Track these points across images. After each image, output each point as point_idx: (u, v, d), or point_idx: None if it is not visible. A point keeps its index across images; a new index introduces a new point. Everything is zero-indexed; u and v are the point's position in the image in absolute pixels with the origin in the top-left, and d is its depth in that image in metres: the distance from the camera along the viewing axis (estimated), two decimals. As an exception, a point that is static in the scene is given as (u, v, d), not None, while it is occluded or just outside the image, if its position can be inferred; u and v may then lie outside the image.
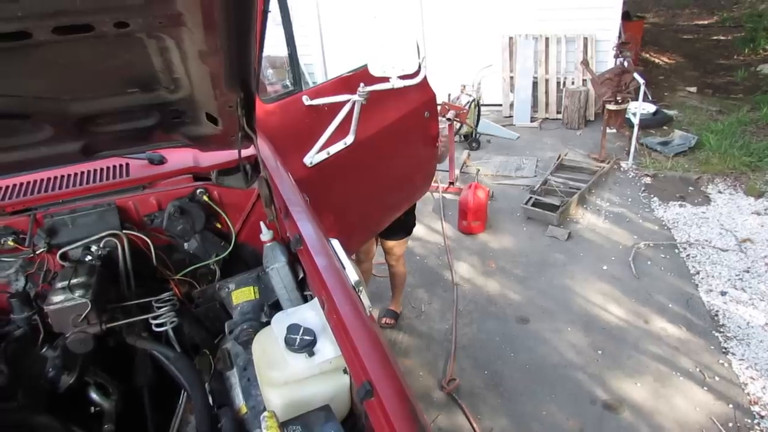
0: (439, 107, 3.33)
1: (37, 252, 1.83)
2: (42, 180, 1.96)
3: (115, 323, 1.69)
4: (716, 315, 4.01)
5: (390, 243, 3.64)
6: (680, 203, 5.55)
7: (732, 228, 5.06)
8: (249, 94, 1.58)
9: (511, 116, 8.00)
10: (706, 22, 14.05)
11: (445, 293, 4.43)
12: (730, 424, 3.16)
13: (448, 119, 5.74)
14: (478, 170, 6.13)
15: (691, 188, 5.84)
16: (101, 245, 1.85)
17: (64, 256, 1.83)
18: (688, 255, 4.72)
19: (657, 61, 10.67)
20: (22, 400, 1.53)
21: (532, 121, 7.84)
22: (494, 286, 4.48)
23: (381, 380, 1.20)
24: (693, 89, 8.76)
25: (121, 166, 2.03)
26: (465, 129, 6.96)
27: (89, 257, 1.81)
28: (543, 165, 6.53)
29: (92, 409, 1.71)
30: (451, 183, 5.99)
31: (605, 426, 3.20)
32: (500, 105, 8.19)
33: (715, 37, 12.23)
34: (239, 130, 1.73)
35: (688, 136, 6.76)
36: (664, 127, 7.28)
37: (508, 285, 4.49)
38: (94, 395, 1.70)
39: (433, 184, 3.74)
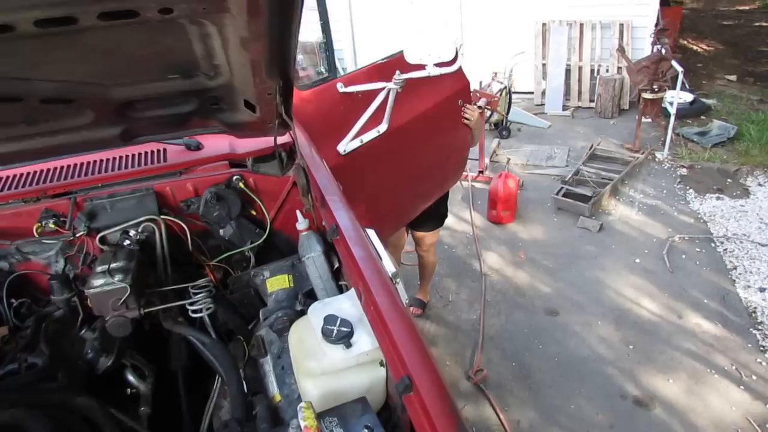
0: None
1: (77, 235, 1.85)
2: (82, 164, 1.98)
3: (153, 308, 1.71)
4: (754, 312, 3.89)
5: (420, 233, 3.60)
6: (717, 196, 5.39)
7: (772, 222, 4.89)
8: (287, 81, 1.56)
9: (542, 104, 7.87)
10: (747, 7, 13.60)
11: (473, 283, 4.39)
12: (768, 425, 3.09)
13: (479, 107, 5.65)
14: (509, 159, 6.05)
15: (729, 180, 5.67)
16: (139, 230, 1.87)
17: (103, 240, 1.85)
18: (725, 249, 4.59)
19: (695, 48, 10.35)
20: (62, 381, 1.56)
21: (564, 110, 7.71)
22: (523, 277, 4.43)
23: (420, 374, 1.18)
24: (733, 77, 8.49)
25: (158, 151, 2.05)
26: (496, 117, 6.87)
27: (127, 241, 1.83)
28: (575, 155, 6.41)
29: (128, 390, 1.73)
30: (481, 172, 5.92)
31: (636, 422, 3.15)
32: (532, 93, 8.05)
33: (757, 24, 11.83)
34: (276, 117, 1.72)
35: (727, 126, 6.56)
36: (702, 117, 7.08)
37: (538, 276, 4.43)
38: (130, 377, 1.73)
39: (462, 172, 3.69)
